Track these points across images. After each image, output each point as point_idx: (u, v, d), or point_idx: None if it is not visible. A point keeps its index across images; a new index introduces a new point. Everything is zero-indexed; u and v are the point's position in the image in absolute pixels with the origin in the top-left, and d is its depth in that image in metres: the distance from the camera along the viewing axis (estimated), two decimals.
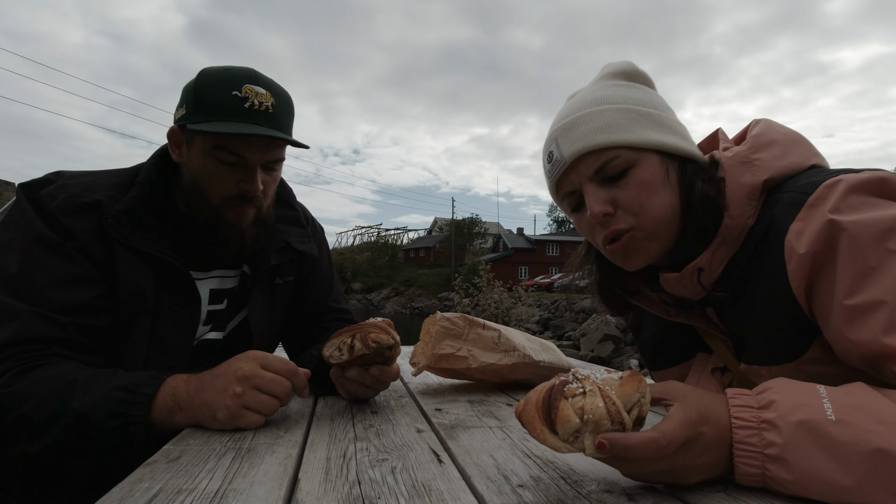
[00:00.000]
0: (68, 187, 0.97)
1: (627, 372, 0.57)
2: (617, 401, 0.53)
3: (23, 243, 0.91)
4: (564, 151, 0.80)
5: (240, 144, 0.99)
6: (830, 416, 0.51)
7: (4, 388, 0.79)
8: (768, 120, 0.84)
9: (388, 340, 0.91)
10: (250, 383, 0.80)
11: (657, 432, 0.53)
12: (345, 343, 0.90)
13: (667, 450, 0.52)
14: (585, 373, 0.56)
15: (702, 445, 0.54)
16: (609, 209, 0.78)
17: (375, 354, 0.91)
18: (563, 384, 0.56)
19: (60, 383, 0.80)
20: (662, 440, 0.52)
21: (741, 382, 0.86)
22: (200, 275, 1.10)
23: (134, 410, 0.79)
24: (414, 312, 35.01)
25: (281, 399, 0.83)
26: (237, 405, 0.79)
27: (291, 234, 1.22)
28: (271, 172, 1.07)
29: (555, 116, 0.88)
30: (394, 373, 0.98)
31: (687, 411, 0.55)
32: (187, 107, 1.00)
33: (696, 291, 0.82)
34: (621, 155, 0.77)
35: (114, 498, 0.55)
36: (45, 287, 0.88)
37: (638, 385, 0.55)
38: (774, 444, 0.52)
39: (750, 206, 0.75)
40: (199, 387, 0.82)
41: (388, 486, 0.59)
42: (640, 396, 0.55)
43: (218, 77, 0.99)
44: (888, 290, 0.59)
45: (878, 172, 0.66)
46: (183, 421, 0.81)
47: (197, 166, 1.01)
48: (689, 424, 0.54)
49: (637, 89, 0.84)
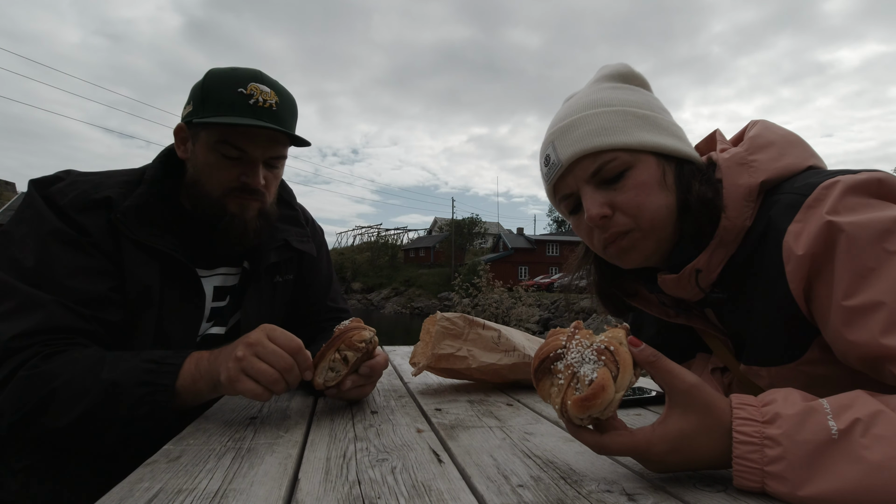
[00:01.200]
0: (79, 184, 0.99)
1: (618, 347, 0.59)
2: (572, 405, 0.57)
3: (38, 237, 0.92)
4: (561, 154, 0.81)
5: (243, 139, 1.02)
6: (834, 434, 0.51)
7: (32, 369, 0.82)
8: (766, 121, 0.84)
9: (368, 334, 0.92)
10: (252, 350, 0.82)
11: (641, 439, 0.57)
12: (335, 360, 0.89)
13: (645, 455, 0.58)
14: (574, 356, 0.60)
15: (696, 449, 0.56)
16: (607, 211, 0.78)
17: (363, 354, 0.91)
18: (555, 358, 0.62)
19: (89, 361, 0.84)
20: (641, 445, 0.57)
21: (741, 382, 0.86)
22: (205, 272, 1.12)
23: (162, 379, 0.83)
24: (414, 312, 35.01)
25: (281, 372, 0.81)
26: (236, 368, 0.80)
27: (291, 234, 1.24)
28: (273, 170, 1.10)
29: (551, 119, 0.88)
30: (383, 362, 0.99)
31: (681, 424, 0.57)
32: (194, 104, 1.03)
33: (694, 293, 0.82)
34: (618, 157, 0.77)
35: (114, 498, 0.55)
36: (65, 278, 0.91)
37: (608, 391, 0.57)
38: (776, 462, 0.52)
39: (747, 207, 0.75)
40: (217, 355, 0.85)
41: (388, 486, 0.59)
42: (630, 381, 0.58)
43: (225, 76, 1.03)
44: (886, 291, 0.59)
45: (875, 173, 0.66)
46: (204, 388, 0.85)
47: (201, 160, 1.04)
48: (679, 436, 0.56)
49: (633, 91, 0.84)
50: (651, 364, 0.58)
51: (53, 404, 0.80)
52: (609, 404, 0.56)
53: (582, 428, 0.60)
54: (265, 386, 0.81)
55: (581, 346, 0.60)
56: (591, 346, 0.59)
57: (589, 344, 0.60)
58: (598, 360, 0.58)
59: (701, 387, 0.57)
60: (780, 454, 0.52)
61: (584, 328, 0.63)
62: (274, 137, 1.04)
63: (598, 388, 0.55)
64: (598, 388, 0.55)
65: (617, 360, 0.57)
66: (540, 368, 0.63)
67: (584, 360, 0.59)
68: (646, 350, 0.58)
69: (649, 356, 0.58)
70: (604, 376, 0.56)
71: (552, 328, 0.68)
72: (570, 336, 0.62)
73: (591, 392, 0.56)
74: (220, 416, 0.90)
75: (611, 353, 0.58)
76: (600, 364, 0.58)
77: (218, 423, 0.85)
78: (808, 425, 0.52)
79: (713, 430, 0.56)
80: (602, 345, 0.59)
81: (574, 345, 0.60)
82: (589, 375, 0.57)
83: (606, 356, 0.58)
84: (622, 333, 0.61)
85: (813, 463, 0.51)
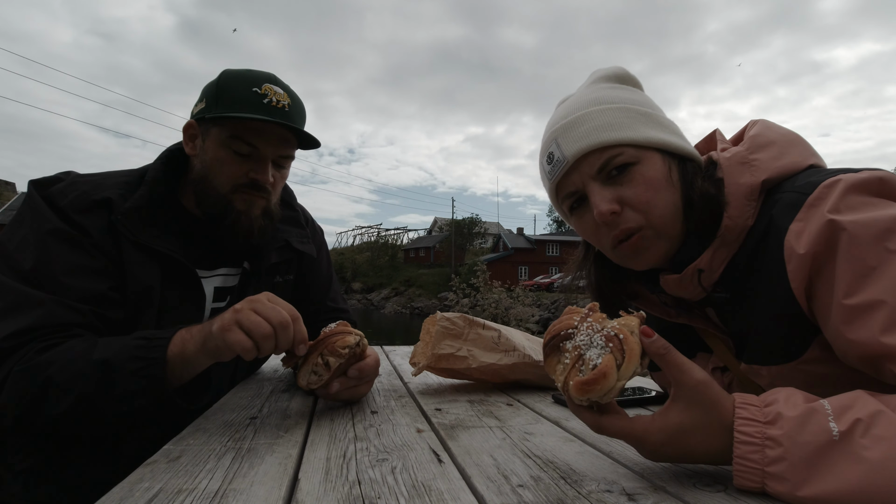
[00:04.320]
0: (79, 185, 0.99)
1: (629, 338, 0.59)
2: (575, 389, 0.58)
3: (37, 236, 0.92)
4: (566, 151, 0.80)
5: (255, 135, 1.03)
6: (835, 435, 0.51)
7: (28, 361, 0.82)
8: (766, 120, 0.84)
9: (353, 339, 0.91)
10: (251, 304, 0.83)
11: (638, 426, 0.58)
12: (318, 364, 0.88)
13: (640, 442, 0.59)
14: (583, 339, 0.60)
15: (693, 444, 0.57)
16: (616, 207, 0.77)
17: (350, 358, 0.91)
18: (565, 336, 0.62)
19: (82, 346, 0.85)
20: (638, 432, 0.58)
21: (741, 382, 0.86)
22: (206, 273, 1.12)
23: (153, 353, 0.84)
24: (414, 312, 35.01)
25: (275, 329, 0.81)
26: (232, 319, 0.81)
27: (292, 234, 1.25)
28: (281, 170, 1.11)
29: (548, 122, 0.87)
30: (373, 363, 0.98)
31: (682, 418, 0.57)
32: (207, 101, 1.04)
33: (696, 292, 0.82)
34: (625, 153, 0.77)
35: (114, 498, 0.55)
36: (64, 276, 0.91)
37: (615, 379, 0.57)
38: (777, 463, 0.52)
39: (749, 206, 0.75)
40: (213, 319, 0.86)
41: (388, 486, 0.59)
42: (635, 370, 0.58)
43: (240, 76, 1.04)
44: (887, 290, 0.59)
45: (876, 172, 0.66)
46: (192, 349, 0.84)
47: (210, 156, 1.04)
48: (678, 430, 0.57)
49: (631, 91, 0.85)
50: (661, 356, 0.58)
51: (51, 390, 0.81)
52: (609, 391, 0.56)
53: (582, 406, 0.61)
54: (256, 340, 0.80)
55: (592, 329, 0.60)
56: (602, 332, 0.60)
57: (600, 328, 0.60)
58: (606, 346, 0.58)
59: (709, 384, 0.57)
60: (780, 455, 0.52)
61: (599, 311, 0.64)
62: (285, 137, 1.06)
63: (599, 375, 0.56)
64: (600, 375, 0.56)
65: (624, 349, 0.58)
66: (549, 344, 0.64)
67: (591, 343, 0.59)
68: (658, 341, 0.58)
69: (660, 348, 0.58)
70: (607, 363, 0.57)
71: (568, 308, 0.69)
72: (584, 317, 0.63)
73: (591, 377, 0.56)
74: (220, 416, 0.90)
75: (619, 340, 0.58)
76: (607, 350, 0.58)
77: (218, 423, 0.85)
78: (810, 426, 0.52)
79: (713, 427, 0.56)
80: (612, 331, 0.59)
81: (585, 327, 0.61)
82: (594, 360, 0.57)
83: (614, 343, 0.58)
84: (636, 322, 0.61)
85: (813, 464, 0.51)
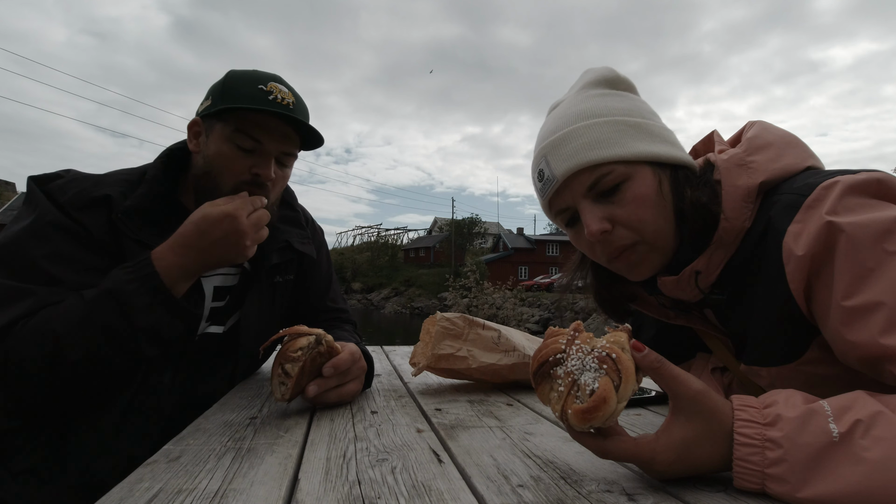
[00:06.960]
0: (79, 181, 1.00)
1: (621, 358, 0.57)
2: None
3: (38, 228, 0.93)
4: (556, 170, 0.79)
5: (259, 130, 1.03)
6: (835, 437, 0.51)
7: (22, 328, 0.84)
8: (763, 122, 0.84)
9: (308, 340, 0.89)
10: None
11: (645, 448, 0.57)
12: (278, 376, 0.87)
13: (649, 465, 0.57)
14: (574, 363, 0.58)
15: (700, 456, 0.56)
16: (607, 226, 0.77)
17: (315, 360, 0.90)
18: (554, 363, 0.60)
19: (70, 297, 0.88)
20: (645, 455, 0.57)
21: (741, 382, 0.86)
22: (205, 272, 1.11)
23: (144, 270, 0.90)
24: (414, 312, 35.00)
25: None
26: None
27: (293, 235, 1.24)
28: (283, 168, 1.11)
29: (540, 131, 0.86)
30: (347, 357, 0.96)
31: (685, 432, 0.56)
32: (213, 98, 1.05)
33: (693, 294, 0.82)
34: (614, 170, 0.77)
35: (114, 498, 0.55)
36: (63, 269, 0.92)
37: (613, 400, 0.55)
38: (777, 464, 0.52)
39: (746, 208, 0.75)
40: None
41: (388, 486, 0.59)
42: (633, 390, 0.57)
43: (245, 75, 1.06)
44: (886, 291, 0.59)
45: (874, 173, 0.66)
46: (180, 244, 0.94)
47: (213, 151, 1.05)
48: (683, 445, 0.56)
49: (621, 97, 0.83)
50: (655, 370, 0.57)
51: (62, 339, 0.84)
52: (611, 415, 0.55)
53: (583, 433, 0.59)
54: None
55: (582, 351, 0.58)
56: (592, 353, 0.57)
57: (590, 350, 0.58)
58: (600, 369, 0.56)
59: (706, 393, 0.56)
60: (780, 456, 0.52)
61: (585, 330, 0.61)
62: (288, 133, 1.07)
63: (599, 401, 0.54)
64: (600, 401, 0.54)
65: (619, 369, 0.56)
66: (539, 372, 0.61)
67: (584, 367, 0.57)
68: (649, 355, 0.57)
69: (653, 362, 0.57)
70: (605, 387, 0.54)
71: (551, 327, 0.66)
72: (570, 340, 0.60)
73: (592, 405, 0.54)
74: (220, 416, 0.90)
75: (613, 360, 0.56)
76: (602, 373, 0.56)
77: (218, 423, 0.85)
78: (809, 428, 0.52)
79: (716, 435, 0.55)
80: (604, 351, 0.57)
81: (574, 350, 0.58)
82: (590, 385, 0.55)
83: (608, 364, 0.56)
84: (624, 337, 0.59)
85: (813, 465, 0.51)
